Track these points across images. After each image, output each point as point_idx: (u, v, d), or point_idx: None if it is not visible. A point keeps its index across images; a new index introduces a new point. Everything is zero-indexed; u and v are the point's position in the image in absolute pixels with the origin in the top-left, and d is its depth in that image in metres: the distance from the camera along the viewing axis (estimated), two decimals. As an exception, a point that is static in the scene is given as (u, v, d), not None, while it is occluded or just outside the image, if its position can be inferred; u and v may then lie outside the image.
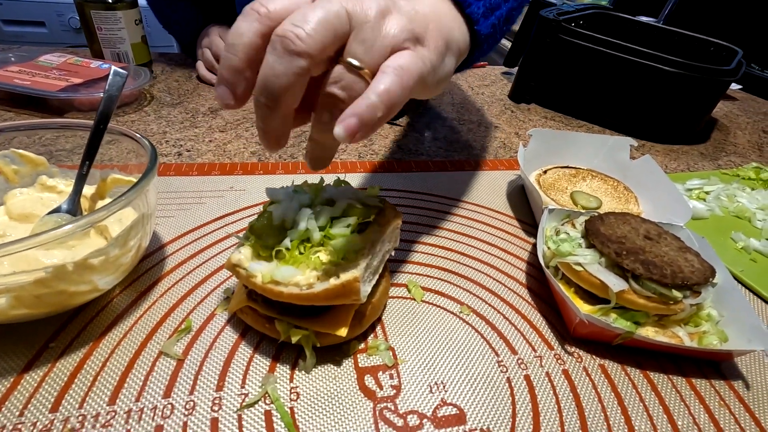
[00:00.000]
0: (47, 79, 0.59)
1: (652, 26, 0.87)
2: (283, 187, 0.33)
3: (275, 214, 0.29)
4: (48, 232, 0.24)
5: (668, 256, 0.34)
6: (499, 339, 0.33)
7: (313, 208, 0.30)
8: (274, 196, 0.31)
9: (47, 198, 0.36)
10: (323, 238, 0.29)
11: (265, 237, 0.29)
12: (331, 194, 0.31)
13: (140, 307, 0.32)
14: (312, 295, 0.26)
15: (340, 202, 0.30)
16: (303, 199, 0.30)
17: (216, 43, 0.71)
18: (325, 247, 0.29)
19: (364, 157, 0.57)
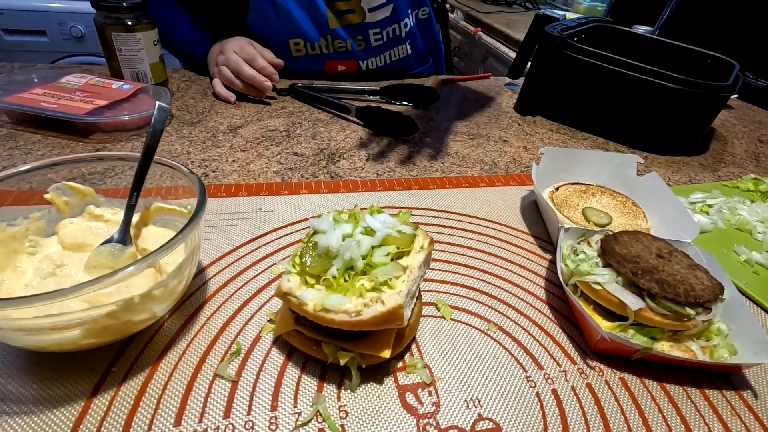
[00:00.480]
0: (72, 101, 0.60)
1: (651, 38, 0.90)
2: (325, 214, 0.35)
3: (320, 243, 0.31)
4: (122, 271, 0.26)
5: (680, 274, 0.37)
6: (525, 355, 0.35)
7: (354, 237, 0.32)
8: (318, 227, 0.33)
9: (95, 227, 0.38)
10: (366, 266, 0.31)
11: (311, 265, 0.31)
12: (369, 223, 0.33)
13: (190, 331, 0.34)
14: (361, 322, 0.28)
15: (380, 232, 0.32)
16: (345, 229, 0.32)
17: (234, 60, 0.72)
18: (368, 275, 0.31)
19: (382, 175, 0.59)
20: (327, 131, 0.69)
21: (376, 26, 0.88)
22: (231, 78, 0.73)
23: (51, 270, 0.33)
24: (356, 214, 0.36)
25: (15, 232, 0.34)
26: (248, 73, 0.72)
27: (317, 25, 0.83)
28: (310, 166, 0.59)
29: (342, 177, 0.57)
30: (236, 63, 0.72)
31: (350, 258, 0.31)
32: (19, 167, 0.35)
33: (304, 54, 0.86)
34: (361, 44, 0.89)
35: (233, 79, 0.73)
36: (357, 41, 0.88)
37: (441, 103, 0.84)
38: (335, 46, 0.87)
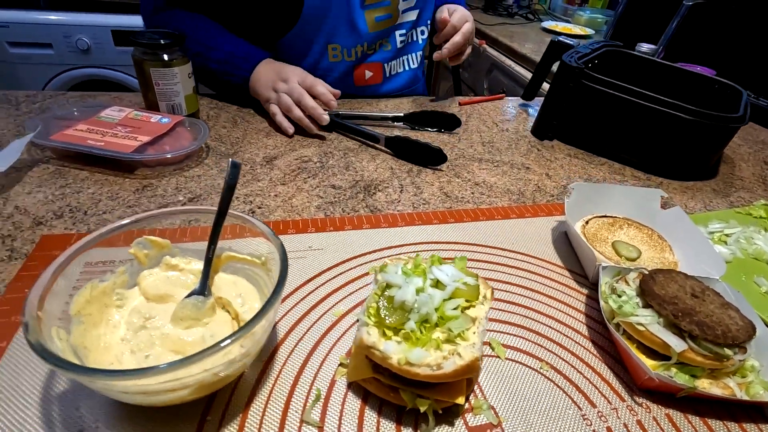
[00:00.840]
0: (117, 138, 0.62)
1: (660, 63, 0.94)
2: (391, 265, 0.38)
3: (397, 298, 0.34)
4: (236, 338, 0.28)
5: (715, 314, 0.40)
6: (578, 393, 0.38)
7: (426, 291, 0.35)
8: (392, 281, 0.35)
9: (172, 276, 0.40)
10: (439, 318, 0.34)
11: (391, 320, 0.34)
12: (437, 276, 0.36)
13: (269, 377, 0.37)
14: (443, 375, 0.31)
15: (449, 286, 0.35)
16: (417, 283, 0.35)
17: (298, 90, 0.74)
18: (440, 327, 0.34)
19: (418, 207, 0.62)
20: (358, 161, 0.72)
21: (402, 27, 0.93)
22: (291, 107, 0.74)
23: (141, 323, 0.35)
24: (420, 263, 0.38)
25: (105, 287, 0.36)
26: (310, 104, 0.73)
27: (356, 32, 0.86)
28: (348, 199, 0.62)
29: (381, 210, 0.60)
30: (300, 93, 0.74)
31: (426, 312, 0.33)
32: (117, 222, 0.37)
33: (339, 60, 0.89)
34: (387, 46, 0.93)
35: (293, 108, 0.74)
36: (384, 42, 0.92)
37: (461, 126, 0.87)
38: (368, 49, 0.90)
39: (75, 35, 1.80)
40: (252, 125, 0.79)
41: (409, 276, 0.36)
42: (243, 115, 0.83)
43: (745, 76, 1.20)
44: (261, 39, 0.84)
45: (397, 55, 0.96)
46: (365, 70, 0.93)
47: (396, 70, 0.98)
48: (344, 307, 0.44)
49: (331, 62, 0.89)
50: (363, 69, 0.93)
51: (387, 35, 0.92)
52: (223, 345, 0.28)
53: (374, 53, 0.92)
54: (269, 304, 0.31)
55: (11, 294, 0.41)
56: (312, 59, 0.86)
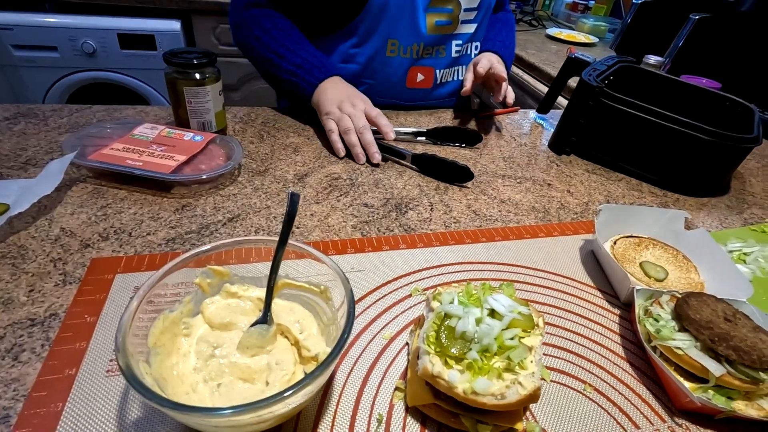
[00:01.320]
0: (154, 158, 0.63)
1: (672, 79, 0.96)
2: (446, 293, 0.40)
3: (458, 329, 0.36)
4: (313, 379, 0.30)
5: (749, 339, 0.42)
6: (621, 415, 0.40)
7: (484, 321, 0.36)
8: (452, 312, 0.37)
9: (232, 303, 0.41)
10: (498, 348, 0.36)
11: (451, 348, 0.36)
12: (494, 306, 0.38)
13: (330, 404, 0.38)
14: (508, 404, 0.33)
15: (506, 316, 0.37)
16: (475, 313, 0.37)
17: (363, 121, 0.76)
18: (499, 355, 0.36)
19: (450, 226, 0.63)
20: (386, 177, 0.73)
21: (459, 38, 0.96)
22: (350, 130, 0.75)
23: (210, 352, 0.37)
24: (472, 291, 0.40)
25: (174, 317, 0.37)
26: (369, 139, 0.75)
27: (416, 31, 0.89)
28: (382, 218, 0.63)
29: (414, 230, 0.62)
30: (364, 124, 0.76)
31: (487, 343, 0.35)
32: (192, 251, 0.38)
33: (395, 55, 0.91)
34: (442, 53, 0.95)
35: (351, 133, 0.75)
36: (440, 49, 0.95)
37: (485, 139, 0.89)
38: (424, 52, 0.93)
39: (80, 38, 1.80)
40: (278, 140, 0.80)
41: (467, 306, 0.38)
42: (268, 130, 0.84)
43: (750, 90, 1.23)
44: (325, 25, 0.87)
45: (450, 65, 0.99)
46: (418, 72, 0.95)
47: (447, 78, 1.00)
48: (391, 331, 0.46)
49: (388, 56, 0.91)
50: (416, 71, 0.95)
51: (444, 42, 0.94)
52: (305, 382, 0.29)
53: (429, 57, 0.94)
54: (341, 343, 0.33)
55: (71, 320, 0.42)
56: (371, 50, 0.89)
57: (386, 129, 0.78)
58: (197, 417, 0.28)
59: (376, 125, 0.78)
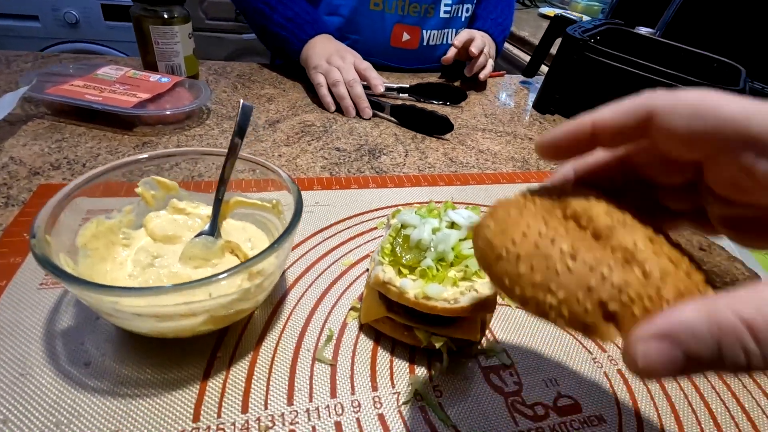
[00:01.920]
0: (116, 94, 0.60)
1: (660, 41, 0.94)
2: (405, 210, 0.38)
3: (413, 237, 0.34)
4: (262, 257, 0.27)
5: (723, 265, 0.41)
6: (588, 339, 0.38)
7: (442, 231, 0.34)
8: (408, 221, 0.35)
9: (180, 219, 0.39)
10: (454, 257, 0.33)
11: (408, 258, 0.33)
12: (452, 218, 0.36)
13: (280, 319, 0.36)
14: (460, 308, 0.31)
15: (464, 226, 0.35)
16: (433, 224, 0.35)
17: (352, 74, 0.74)
18: (456, 266, 0.33)
19: (424, 170, 0.61)
20: (362, 127, 0.71)
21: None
22: (339, 83, 0.73)
23: (149, 261, 0.35)
24: (433, 208, 0.38)
25: (111, 225, 0.35)
26: (360, 93, 0.73)
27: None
28: (354, 161, 0.61)
29: (386, 172, 0.59)
30: (354, 77, 0.73)
31: (443, 250, 0.33)
32: (121, 160, 0.35)
33: (380, 9, 0.88)
34: (431, 12, 0.92)
35: (340, 85, 0.73)
36: (429, 9, 0.91)
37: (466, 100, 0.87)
38: (410, 9, 0.89)
39: (63, 8, 1.75)
40: (253, 91, 0.78)
41: (424, 217, 0.36)
42: (243, 82, 0.81)
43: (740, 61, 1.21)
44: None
45: (440, 27, 0.95)
46: (403, 31, 0.92)
47: (435, 41, 0.96)
48: (353, 258, 0.44)
49: (371, 10, 0.88)
50: (401, 29, 0.91)
51: (432, 1, 0.90)
52: (236, 269, 0.27)
53: (416, 16, 0.91)
54: (285, 235, 0.31)
55: (9, 238, 0.40)
56: (352, 3, 0.86)
57: (376, 82, 0.75)
58: (113, 296, 0.25)
59: (366, 78, 0.75)
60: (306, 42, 0.79)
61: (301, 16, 0.80)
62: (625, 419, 0.32)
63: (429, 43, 0.96)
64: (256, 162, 0.38)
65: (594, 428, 0.31)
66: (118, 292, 0.25)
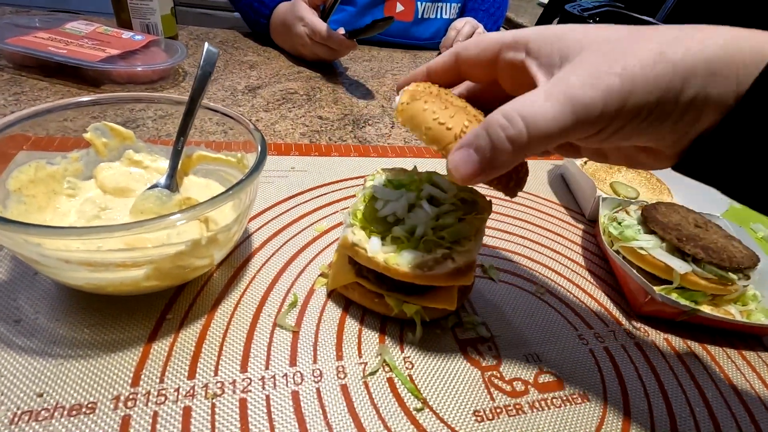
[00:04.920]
0: (83, 48, 0.56)
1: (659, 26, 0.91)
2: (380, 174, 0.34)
3: (388, 210, 0.30)
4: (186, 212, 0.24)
5: (719, 242, 0.38)
6: (574, 315, 0.36)
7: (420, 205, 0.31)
8: (385, 196, 0.31)
9: (135, 173, 0.35)
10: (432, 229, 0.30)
11: (375, 226, 0.30)
12: (429, 191, 0.32)
13: (241, 282, 0.33)
14: (434, 275, 0.28)
15: (445, 203, 0.31)
16: (410, 197, 0.31)
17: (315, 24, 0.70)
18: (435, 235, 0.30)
19: (410, 142, 0.58)
20: (348, 97, 0.67)
21: None
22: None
23: (95, 213, 0.31)
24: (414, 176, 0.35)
25: (54, 171, 0.32)
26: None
27: None
28: (336, 129, 0.58)
29: (370, 142, 0.56)
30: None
31: (413, 225, 0.30)
32: (57, 102, 0.32)
33: None
34: None
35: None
36: None
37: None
38: None
39: (47, -25, 1.68)
40: (235, 57, 0.74)
41: (398, 187, 0.32)
42: (226, 48, 0.77)
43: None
44: None
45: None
46: (397, 2, 0.89)
47: (429, 14, 0.93)
48: (327, 224, 0.41)
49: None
50: (395, 2, 0.88)
51: None
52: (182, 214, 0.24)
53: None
54: (244, 182, 0.28)
55: (-53, 188, 0.36)
56: None
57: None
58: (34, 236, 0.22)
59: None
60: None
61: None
62: (610, 397, 0.30)
63: (423, 15, 0.93)
64: (217, 110, 0.35)
65: (577, 406, 0.29)
66: (39, 230, 0.21)
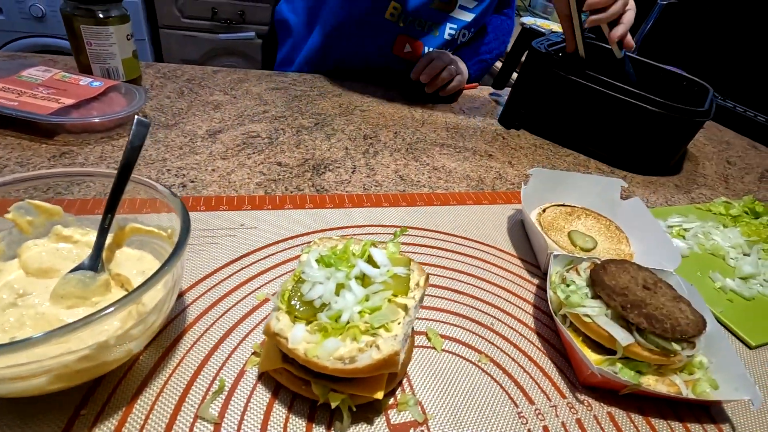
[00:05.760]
0: (35, 99, 0.56)
1: (630, 57, 0.92)
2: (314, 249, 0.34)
3: (314, 293, 0.30)
4: (97, 317, 0.23)
5: (666, 307, 0.38)
6: (516, 389, 0.35)
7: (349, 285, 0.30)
8: (312, 278, 0.31)
9: (63, 249, 0.35)
10: (360, 312, 0.30)
11: (303, 311, 0.29)
12: (364, 270, 0.32)
13: (168, 366, 0.32)
14: (355, 370, 0.27)
15: (376, 284, 0.31)
16: (339, 278, 0.31)
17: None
18: (361, 318, 0.30)
19: (369, 189, 0.58)
20: (311, 139, 0.67)
21: (454, 22, 0.92)
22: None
23: (12, 300, 0.30)
24: (349, 248, 0.34)
25: (-30, 256, 0.31)
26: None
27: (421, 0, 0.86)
28: (294, 177, 0.57)
29: (328, 191, 0.56)
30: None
31: (340, 309, 0.29)
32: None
33: (394, 21, 0.87)
34: (435, 32, 0.92)
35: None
36: (434, 27, 0.91)
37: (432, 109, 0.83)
38: (416, 23, 0.89)
39: (29, 1, 1.68)
40: (200, 97, 0.73)
41: (329, 266, 0.32)
42: (192, 87, 0.77)
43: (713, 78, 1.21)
44: None
45: (440, 46, 0.94)
46: (406, 42, 0.91)
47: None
48: (270, 290, 0.40)
49: (386, 19, 0.87)
50: (405, 40, 0.91)
51: (440, 21, 0.91)
52: (77, 324, 0.23)
53: (422, 32, 0.91)
54: (160, 273, 0.27)
55: None
56: (369, 5, 0.85)
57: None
58: None
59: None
60: None
61: None
62: (543, 489, 0.29)
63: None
64: (141, 182, 0.34)
65: (506, 501, 0.28)
66: None
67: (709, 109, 0.71)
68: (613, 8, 0.69)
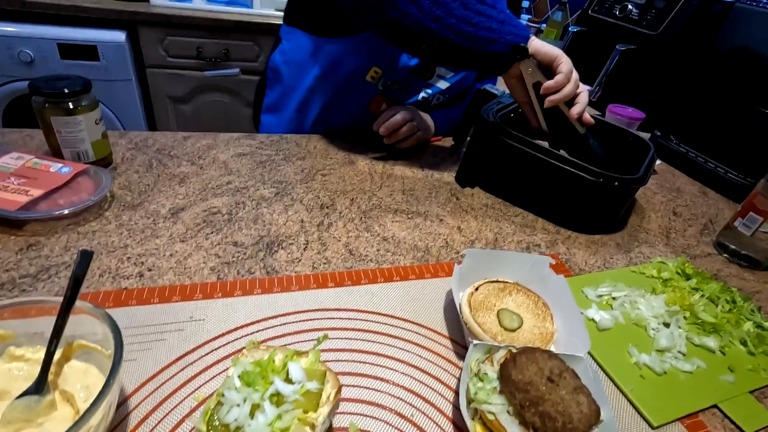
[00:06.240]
0: (6, 192, 0.60)
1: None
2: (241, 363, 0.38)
3: (230, 417, 0.34)
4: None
5: (563, 402, 0.42)
6: (423, 485, 0.39)
7: (262, 404, 0.35)
8: (229, 402, 0.35)
9: (15, 368, 0.39)
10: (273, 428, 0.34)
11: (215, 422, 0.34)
12: (280, 389, 0.36)
13: (106, 478, 0.36)
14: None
15: (287, 403, 0.35)
16: (255, 399, 0.35)
17: None
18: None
19: (318, 268, 0.62)
20: (269, 212, 0.71)
21: (430, 88, 0.99)
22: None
23: (-36, 427, 0.34)
24: (272, 361, 0.38)
25: (-73, 388, 0.35)
26: None
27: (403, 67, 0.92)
28: (247, 259, 0.61)
29: (278, 272, 0.60)
30: None
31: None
32: None
33: (375, 83, 0.93)
34: (411, 93, 0.98)
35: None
36: (410, 89, 0.97)
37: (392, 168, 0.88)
38: (394, 85, 0.95)
39: (18, 47, 1.74)
40: (168, 169, 0.78)
41: (249, 384, 0.36)
42: (161, 158, 0.81)
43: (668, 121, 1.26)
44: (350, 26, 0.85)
45: (414, 105, 1.00)
46: (383, 102, 0.98)
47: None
48: (207, 391, 0.44)
49: (367, 82, 0.93)
50: (382, 100, 0.97)
51: (416, 85, 0.97)
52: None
53: (399, 92, 0.97)
54: (95, 407, 0.31)
55: None
56: (353, 69, 0.90)
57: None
58: None
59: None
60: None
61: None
62: None
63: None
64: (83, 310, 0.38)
65: None
66: None
67: (643, 175, 0.76)
68: (565, 90, 0.75)
